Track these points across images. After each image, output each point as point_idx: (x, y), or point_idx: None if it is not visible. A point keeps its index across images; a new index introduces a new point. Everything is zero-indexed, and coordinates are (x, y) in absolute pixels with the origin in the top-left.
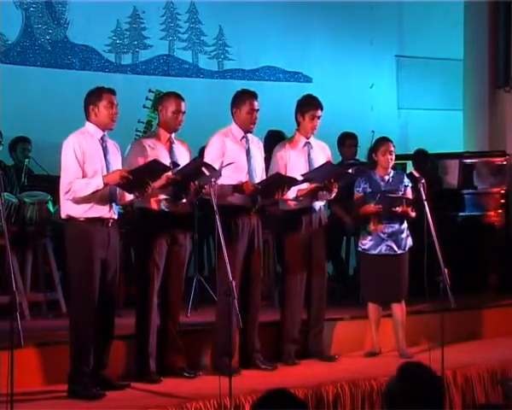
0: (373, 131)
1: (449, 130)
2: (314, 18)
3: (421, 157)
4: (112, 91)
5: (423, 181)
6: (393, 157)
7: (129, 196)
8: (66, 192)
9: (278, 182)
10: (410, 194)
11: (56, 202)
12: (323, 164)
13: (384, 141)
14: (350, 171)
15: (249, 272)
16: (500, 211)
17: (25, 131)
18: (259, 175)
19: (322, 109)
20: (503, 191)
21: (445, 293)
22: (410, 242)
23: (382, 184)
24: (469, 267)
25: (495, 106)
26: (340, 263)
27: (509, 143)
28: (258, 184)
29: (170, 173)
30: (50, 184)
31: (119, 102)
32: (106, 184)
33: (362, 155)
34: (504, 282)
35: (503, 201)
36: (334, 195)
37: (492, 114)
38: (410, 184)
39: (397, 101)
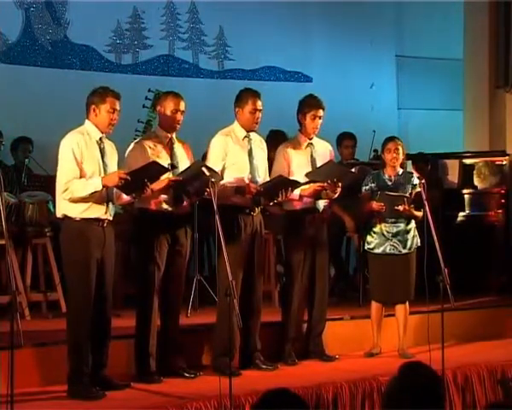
0: (374, 131)
1: (449, 130)
2: (314, 18)
3: (421, 160)
4: (117, 96)
5: (423, 181)
6: (400, 155)
7: (126, 197)
8: (64, 191)
9: (281, 184)
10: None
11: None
12: (326, 162)
13: (390, 140)
14: (353, 170)
15: (251, 273)
16: (500, 211)
17: (25, 131)
18: (262, 175)
19: (323, 109)
20: (503, 191)
21: (446, 293)
22: (417, 242)
23: (390, 183)
24: (469, 267)
25: (495, 106)
26: (340, 263)
27: (509, 142)
28: (260, 186)
29: (171, 175)
30: (50, 183)
31: (121, 108)
32: (104, 186)
33: (362, 155)
34: (504, 282)
35: (503, 201)
36: (337, 194)
37: (492, 114)
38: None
39: (397, 101)
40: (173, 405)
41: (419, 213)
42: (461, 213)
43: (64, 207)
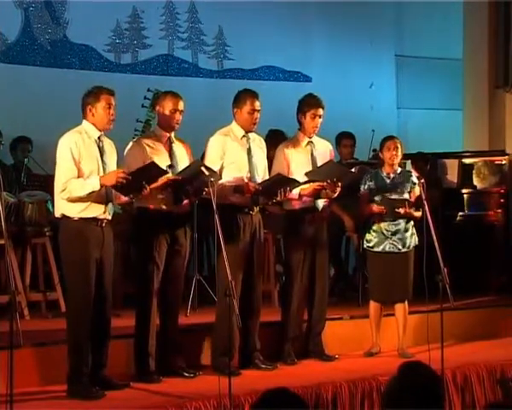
0: (373, 130)
1: (448, 129)
2: (314, 18)
3: (420, 160)
4: (110, 92)
5: (423, 181)
6: (399, 152)
7: (124, 197)
8: (62, 191)
9: (279, 183)
10: (417, 192)
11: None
12: (326, 162)
13: (389, 138)
14: (353, 170)
15: (250, 272)
16: (499, 211)
17: (24, 131)
18: (261, 174)
19: (323, 108)
20: (502, 191)
21: (445, 292)
22: (415, 240)
23: (388, 181)
24: (469, 267)
25: (494, 106)
26: (339, 262)
27: (509, 142)
28: (259, 184)
29: (170, 175)
30: (50, 183)
31: (117, 103)
32: (102, 186)
33: (362, 155)
34: (504, 281)
35: (502, 200)
36: (337, 194)
37: (492, 114)
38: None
39: (396, 100)
40: (173, 404)
41: (418, 214)
42: (460, 213)
43: (62, 207)
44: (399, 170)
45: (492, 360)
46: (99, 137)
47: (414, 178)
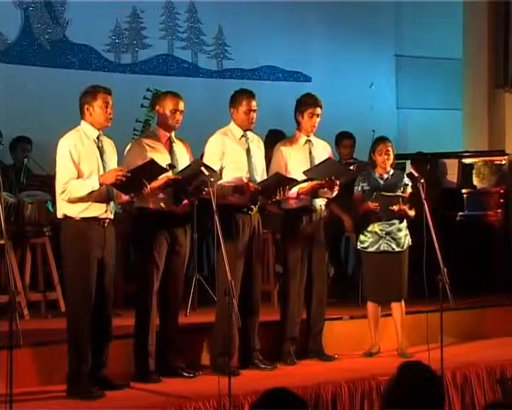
0: (373, 131)
1: (448, 129)
2: (313, 17)
3: (420, 160)
4: (107, 91)
5: (422, 180)
6: (390, 157)
7: (125, 196)
8: (62, 192)
9: (278, 182)
10: (409, 192)
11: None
12: (325, 160)
13: (381, 141)
14: (351, 168)
15: (249, 272)
16: (499, 210)
17: (24, 131)
18: (260, 174)
19: (321, 107)
20: (502, 191)
21: (445, 293)
22: (409, 241)
23: (381, 182)
24: (469, 267)
25: (494, 106)
26: (338, 262)
27: (508, 142)
28: (258, 184)
29: (170, 174)
30: (49, 183)
31: (114, 102)
32: (101, 184)
33: (361, 155)
34: (503, 281)
35: (502, 200)
36: (335, 193)
37: (492, 114)
38: (410, 184)
39: (396, 100)
40: (172, 404)
41: (412, 213)
42: (460, 213)
43: (64, 208)
44: (392, 171)
45: (492, 360)
46: (98, 137)
47: (406, 180)
